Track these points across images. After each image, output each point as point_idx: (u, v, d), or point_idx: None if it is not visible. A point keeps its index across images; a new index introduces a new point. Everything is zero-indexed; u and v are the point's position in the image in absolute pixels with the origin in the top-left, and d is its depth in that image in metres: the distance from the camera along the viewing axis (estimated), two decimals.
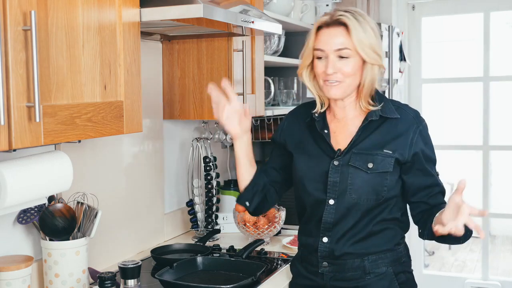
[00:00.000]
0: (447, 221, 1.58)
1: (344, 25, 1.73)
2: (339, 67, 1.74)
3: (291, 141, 1.93)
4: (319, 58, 1.77)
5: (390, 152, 1.76)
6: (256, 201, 1.93)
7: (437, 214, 1.71)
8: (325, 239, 1.82)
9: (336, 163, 1.79)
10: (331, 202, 1.80)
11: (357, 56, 1.74)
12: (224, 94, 1.84)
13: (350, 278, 1.82)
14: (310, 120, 1.89)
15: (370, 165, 1.76)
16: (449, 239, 1.70)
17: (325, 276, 1.84)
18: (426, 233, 1.78)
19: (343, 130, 1.84)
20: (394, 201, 1.81)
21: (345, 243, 1.80)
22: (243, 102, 2.36)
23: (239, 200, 1.95)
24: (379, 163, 1.76)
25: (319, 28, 1.78)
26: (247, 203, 1.93)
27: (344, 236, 1.80)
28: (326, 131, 1.85)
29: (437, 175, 1.83)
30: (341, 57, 1.74)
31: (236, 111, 1.84)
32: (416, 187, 1.80)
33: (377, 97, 1.83)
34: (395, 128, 1.79)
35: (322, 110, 1.87)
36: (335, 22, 1.74)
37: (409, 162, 1.78)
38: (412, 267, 1.93)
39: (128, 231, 2.28)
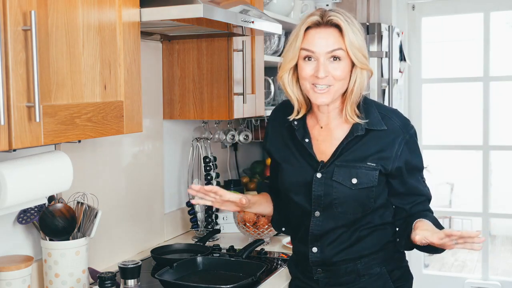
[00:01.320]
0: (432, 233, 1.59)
1: (336, 26, 1.66)
2: (330, 70, 1.66)
3: (275, 150, 1.88)
4: (307, 60, 1.69)
5: (374, 164, 1.71)
6: (291, 222, 1.94)
7: (416, 221, 1.71)
8: (314, 249, 1.80)
9: (319, 175, 1.74)
10: (317, 214, 1.77)
11: (348, 59, 1.67)
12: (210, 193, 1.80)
13: (345, 282, 1.80)
14: (289, 126, 1.82)
15: (354, 181, 1.71)
16: (428, 249, 1.70)
17: (320, 282, 1.83)
18: (404, 243, 1.78)
19: (327, 139, 1.78)
20: (384, 208, 1.80)
21: (335, 251, 1.79)
22: (244, 102, 2.37)
23: (276, 228, 2.02)
24: (363, 177, 1.71)
25: (307, 28, 1.68)
26: (283, 228, 1.98)
27: (333, 244, 1.78)
28: (307, 140, 1.78)
29: (423, 181, 1.82)
30: (333, 59, 1.67)
31: (228, 200, 1.81)
32: (398, 193, 1.79)
33: (363, 105, 1.75)
34: (381, 139, 1.73)
35: (299, 117, 1.79)
36: (327, 23, 1.67)
37: (393, 173, 1.75)
38: (410, 267, 1.93)
39: (128, 231, 2.28)
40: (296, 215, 1.86)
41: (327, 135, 1.78)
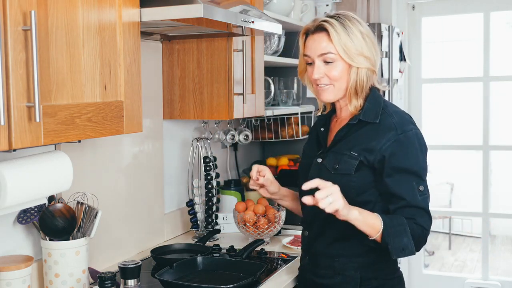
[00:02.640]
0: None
1: (326, 30, 1.77)
2: (325, 71, 1.79)
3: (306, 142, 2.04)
4: (309, 63, 1.83)
5: (356, 154, 1.76)
6: None
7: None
8: (306, 233, 1.91)
9: (319, 160, 1.85)
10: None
11: (342, 60, 1.77)
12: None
13: (322, 276, 1.87)
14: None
15: (336, 166, 1.79)
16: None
17: (306, 268, 1.93)
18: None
19: (337, 129, 1.87)
20: (371, 206, 1.77)
21: (319, 241, 1.86)
22: (244, 102, 2.37)
23: None
24: (343, 164, 1.78)
25: (307, 35, 1.83)
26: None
27: (320, 233, 1.85)
28: (322, 129, 1.91)
29: (418, 189, 1.74)
30: (327, 62, 1.78)
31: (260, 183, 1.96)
32: (381, 193, 1.77)
33: (370, 98, 1.82)
34: (373, 132, 1.78)
35: (325, 113, 1.95)
36: (317, 28, 1.79)
37: (378, 167, 1.75)
38: (410, 267, 1.92)
39: (128, 231, 2.28)
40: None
41: (338, 126, 1.88)
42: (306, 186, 1.65)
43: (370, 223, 1.69)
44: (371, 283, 1.82)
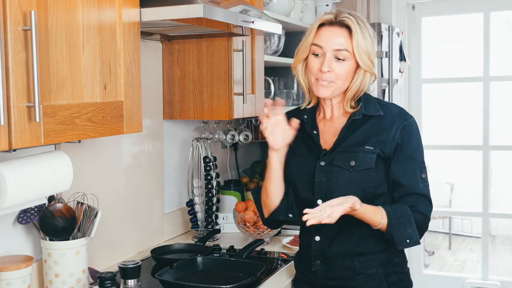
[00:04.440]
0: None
1: (347, 27, 1.76)
2: (334, 67, 1.77)
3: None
4: (316, 55, 1.79)
5: (372, 148, 1.77)
6: (296, 211, 1.90)
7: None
8: (317, 238, 1.85)
9: (322, 163, 1.81)
10: (319, 202, 1.82)
11: (353, 60, 1.77)
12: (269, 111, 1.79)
13: (340, 278, 1.83)
14: (300, 122, 1.87)
15: (352, 163, 1.77)
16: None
17: (317, 274, 1.87)
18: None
19: (330, 130, 1.87)
20: (385, 197, 1.80)
21: (336, 243, 1.82)
22: (244, 102, 2.37)
23: (283, 215, 1.91)
24: (361, 160, 1.77)
25: (321, 25, 1.80)
26: (290, 215, 1.90)
27: (336, 235, 1.82)
28: (315, 131, 1.87)
29: (420, 176, 1.79)
30: (338, 58, 1.77)
31: (279, 123, 1.79)
32: (392, 181, 1.80)
33: (364, 98, 1.84)
34: (379, 124, 1.81)
35: (310, 106, 1.90)
36: (339, 22, 1.78)
37: (392, 157, 1.79)
38: (410, 266, 1.93)
39: (128, 231, 2.28)
40: (302, 206, 1.86)
41: (331, 127, 1.87)
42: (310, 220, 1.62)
43: (372, 219, 1.72)
44: (391, 278, 1.83)
